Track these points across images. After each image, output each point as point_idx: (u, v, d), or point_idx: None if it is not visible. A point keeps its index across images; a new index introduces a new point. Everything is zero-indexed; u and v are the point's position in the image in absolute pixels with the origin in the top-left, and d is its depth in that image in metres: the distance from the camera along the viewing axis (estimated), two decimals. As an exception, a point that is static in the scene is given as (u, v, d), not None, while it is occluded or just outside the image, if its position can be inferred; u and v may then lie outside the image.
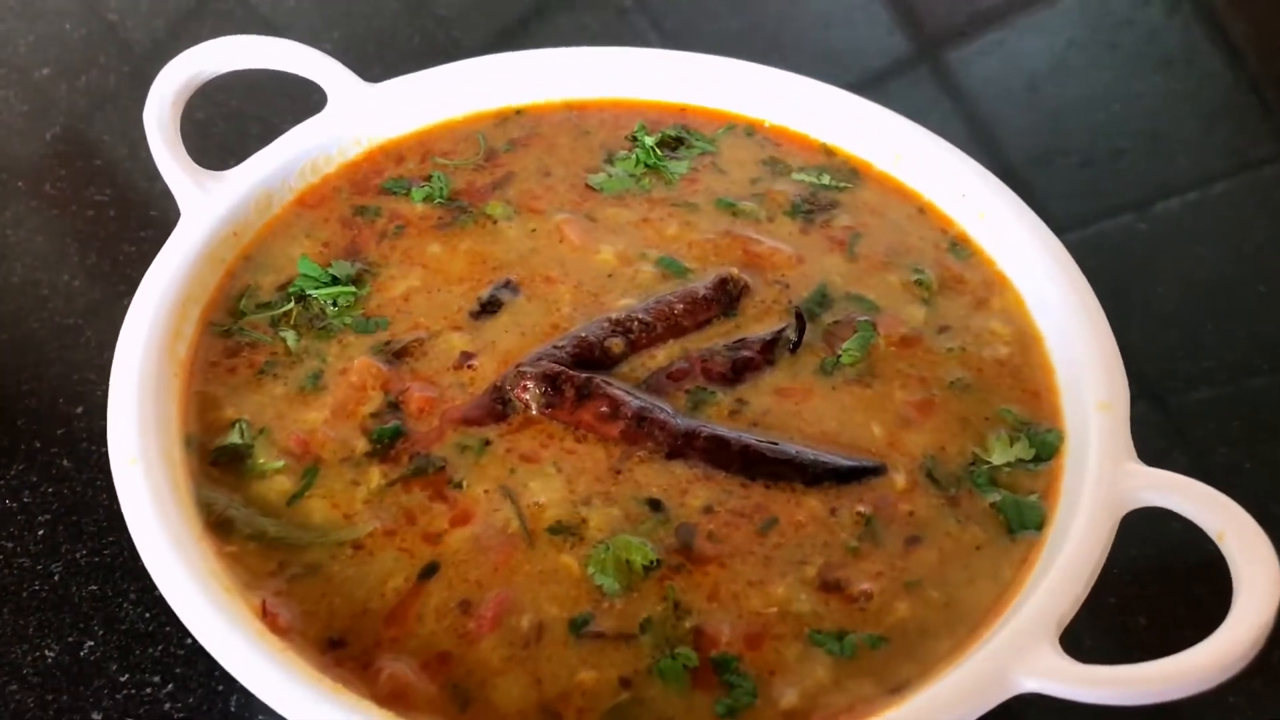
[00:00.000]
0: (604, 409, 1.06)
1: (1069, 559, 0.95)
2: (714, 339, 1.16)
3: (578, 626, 0.94)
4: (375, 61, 1.85)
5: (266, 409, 1.09)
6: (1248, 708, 1.14)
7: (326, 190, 1.31)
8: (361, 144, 1.35)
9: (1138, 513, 0.98)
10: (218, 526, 0.99)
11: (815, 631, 0.95)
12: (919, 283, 1.23)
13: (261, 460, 1.05)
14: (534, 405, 1.08)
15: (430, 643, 0.93)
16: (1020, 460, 1.07)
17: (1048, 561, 0.97)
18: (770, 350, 1.15)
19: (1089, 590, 0.93)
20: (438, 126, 1.39)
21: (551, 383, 1.07)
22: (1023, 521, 1.02)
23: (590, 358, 1.12)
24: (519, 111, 1.42)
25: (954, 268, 1.25)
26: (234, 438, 1.06)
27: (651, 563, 0.97)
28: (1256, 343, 1.51)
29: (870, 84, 1.89)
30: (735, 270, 1.21)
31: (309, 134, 1.31)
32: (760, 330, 1.17)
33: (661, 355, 1.14)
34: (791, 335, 1.16)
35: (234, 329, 1.16)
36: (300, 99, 1.39)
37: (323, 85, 1.34)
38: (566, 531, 1.00)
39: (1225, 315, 1.54)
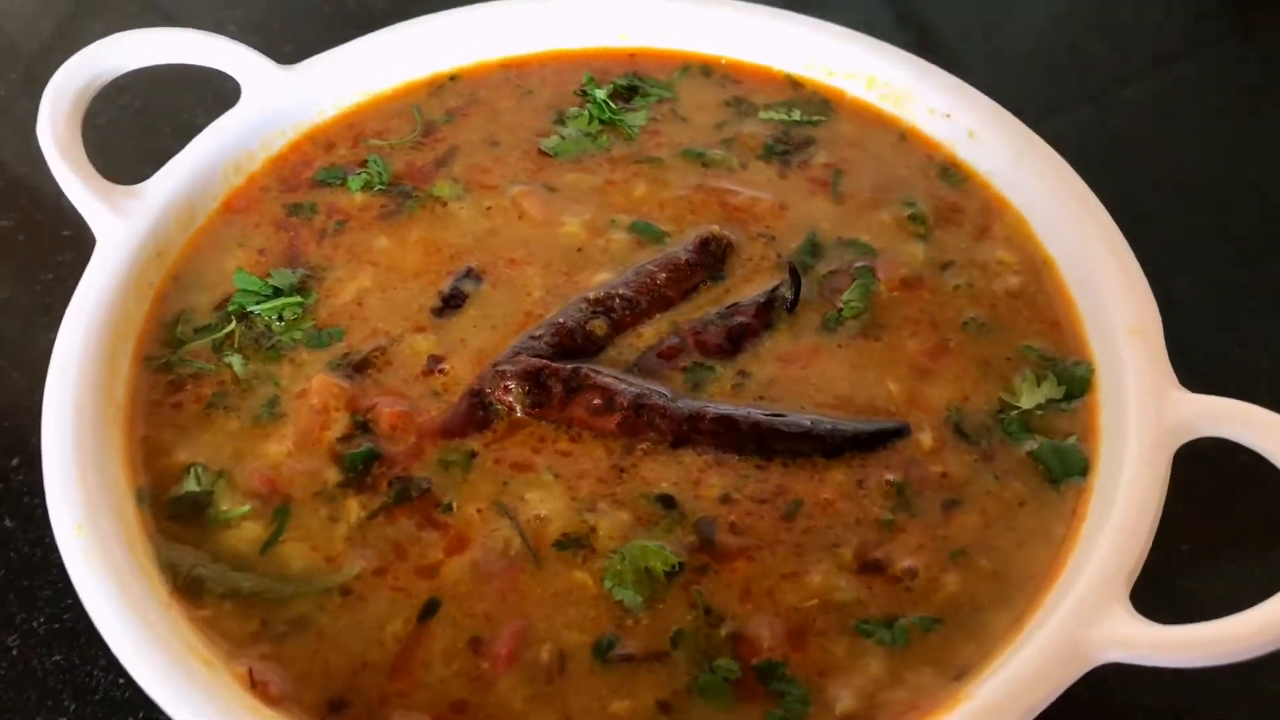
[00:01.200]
0: (596, 401, 1.00)
1: (1126, 505, 0.89)
2: (704, 308, 1.10)
3: (603, 651, 0.88)
4: (285, 39, 1.75)
5: (222, 448, 1.01)
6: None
7: (254, 191, 1.22)
8: (286, 134, 1.26)
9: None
10: (186, 589, 0.92)
11: (862, 621, 0.89)
12: (913, 217, 1.17)
13: (225, 507, 0.97)
14: (518, 407, 1.01)
15: (442, 691, 0.87)
16: (1051, 400, 1.02)
17: (1101, 511, 0.92)
18: (766, 313, 1.09)
19: (1153, 537, 0.86)
20: (366, 104, 1.30)
21: (535, 379, 1.01)
22: (1065, 469, 0.97)
23: (572, 345, 1.06)
24: (453, 77, 1.34)
25: (948, 196, 1.20)
26: (190, 485, 0.99)
27: (673, 567, 0.92)
28: (1261, 232, 1.45)
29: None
30: (716, 228, 1.15)
31: (225, 131, 1.21)
32: (752, 291, 1.11)
33: (649, 332, 1.08)
34: (787, 293, 1.11)
35: (173, 360, 1.08)
36: (211, 87, 1.31)
37: (233, 74, 1.25)
38: (575, 544, 0.94)
39: (1216, 208, 1.48)
